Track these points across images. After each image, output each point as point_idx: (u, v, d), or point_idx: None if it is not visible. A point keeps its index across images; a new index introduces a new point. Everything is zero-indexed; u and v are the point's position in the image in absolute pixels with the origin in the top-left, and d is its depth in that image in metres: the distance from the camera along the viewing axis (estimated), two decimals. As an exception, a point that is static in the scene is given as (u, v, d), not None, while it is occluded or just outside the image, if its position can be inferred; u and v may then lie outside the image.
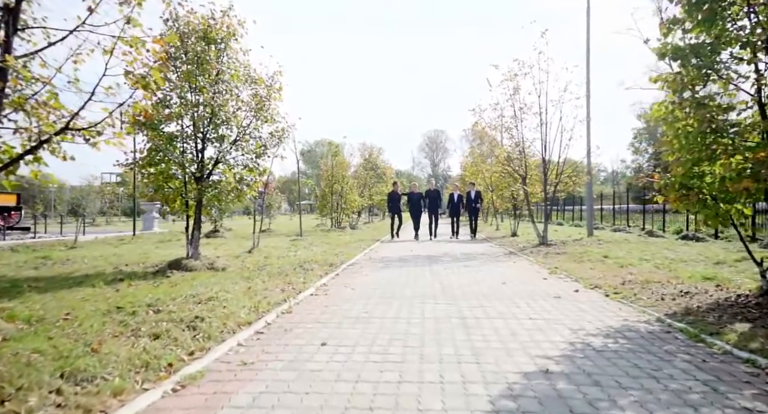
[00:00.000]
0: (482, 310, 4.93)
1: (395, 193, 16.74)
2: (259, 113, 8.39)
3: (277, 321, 4.43)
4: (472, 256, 10.63)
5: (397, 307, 5.08)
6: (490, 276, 7.41)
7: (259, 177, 8.56)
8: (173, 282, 6.37)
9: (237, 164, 8.34)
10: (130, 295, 5.30)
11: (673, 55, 4.57)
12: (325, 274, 7.44)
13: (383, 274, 7.74)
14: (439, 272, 7.91)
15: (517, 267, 8.50)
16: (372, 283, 6.74)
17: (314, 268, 8.05)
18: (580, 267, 7.95)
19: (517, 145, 12.93)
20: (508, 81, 13.03)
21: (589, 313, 4.67)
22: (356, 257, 10.27)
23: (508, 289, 6.23)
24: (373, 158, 32.30)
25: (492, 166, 17.16)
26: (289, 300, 5.26)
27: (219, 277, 6.73)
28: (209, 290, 5.50)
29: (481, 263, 9.16)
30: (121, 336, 3.55)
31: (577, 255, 9.59)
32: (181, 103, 7.61)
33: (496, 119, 13.17)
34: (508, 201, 17.83)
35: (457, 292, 5.99)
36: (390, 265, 8.98)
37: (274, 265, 8.45)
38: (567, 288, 6.18)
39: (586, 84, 13.84)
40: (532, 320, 4.42)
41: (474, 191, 16.31)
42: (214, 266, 7.82)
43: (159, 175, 7.67)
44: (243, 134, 8.36)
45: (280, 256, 9.91)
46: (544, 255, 10.06)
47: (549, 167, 12.75)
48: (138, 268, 8.02)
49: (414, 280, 7.07)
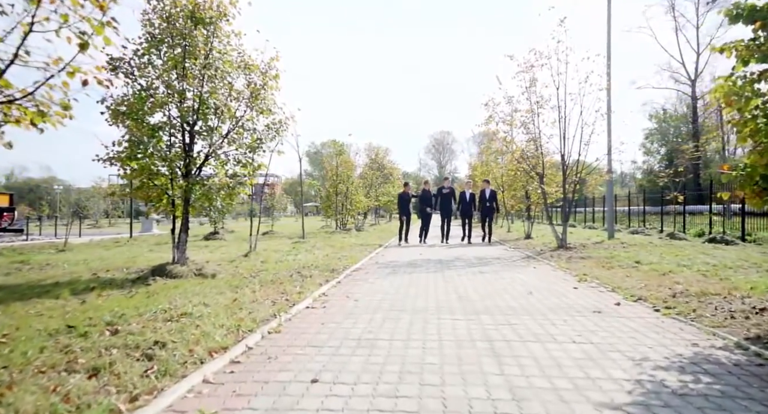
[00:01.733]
0: (511, 328, 4.08)
1: (406, 194, 15.51)
2: (254, 103, 7.58)
3: (260, 344, 3.59)
4: (487, 260, 9.76)
5: (407, 325, 4.24)
6: (511, 284, 6.55)
7: (254, 173, 7.74)
8: (151, 291, 5.56)
9: (229, 159, 7.54)
10: (94, 309, 4.50)
11: (749, 16, 3.70)
12: (325, 282, 6.61)
13: (391, 281, 6.89)
14: (453, 279, 7.06)
15: (539, 273, 7.63)
16: (378, 293, 5.90)
17: (314, 274, 7.21)
18: (612, 274, 7.06)
19: (534, 140, 12.03)
20: (524, 73, 12.16)
21: (645, 335, 3.80)
22: (361, 262, 9.43)
23: (535, 300, 5.37)
24: (380, 158, 31.50)
25: (505, 164, 16.23)
26: (279, 315, 4.43)
27: (205, 286, 5.92)
28: (187, 303, 4.69)
29: (498, 269, 8.29)
30: (50, 371, 2.73)
31: (604, 260, 8.69)
32: (167, 91, 6.82)
33: (511, 113, 12.28)
34: (520, 201, 16.87)
35: (477, 304, 5.13)
36: (398, 270, 8.13)
37: (270, 270, 7.63)
38: (605, 300, 5.30)
39: (607, 75, 12.90)
40: (578, 345, 3.55)
41: (489, 190, 14.88)
42: (202, 272, 7.01)
43: (141, 170, 6.87)
44: (236, 126, 7.56)
45: (279, 261, 9.09)
46: (566, 259, 9.17)
47: (568, 165, 11.86)
48: (119, 275, 7.24)
49: (426, 288, 6.22)
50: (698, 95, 47.85)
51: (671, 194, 17.17)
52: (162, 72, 6.82)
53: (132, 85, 6.76)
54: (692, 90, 48.00)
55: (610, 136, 13.25)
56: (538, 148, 12.17)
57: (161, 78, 6.87)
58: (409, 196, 15.49)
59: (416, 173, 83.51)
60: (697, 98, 47.91)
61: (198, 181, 7.02)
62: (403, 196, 15.48)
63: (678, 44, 47.03)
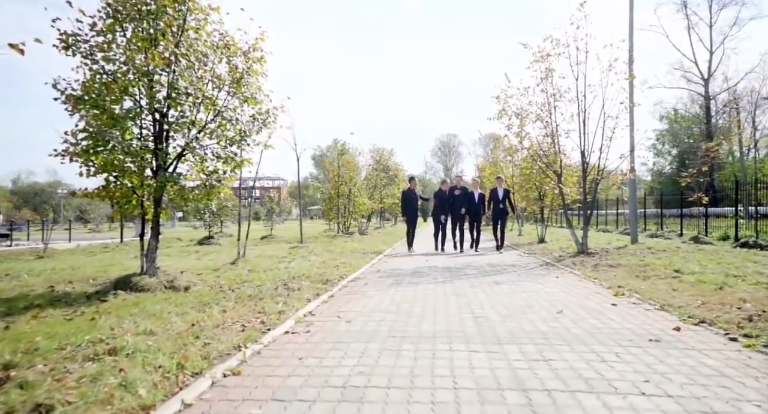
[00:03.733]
0: (548, 367, 3.05)
1: (411, 191, 12.87)
2: (236, 89, 6.61)
3: (206, 398, 2.59)
4: (501, 268, 8.72)
5: (411, 361, 3.22)
6: (534, 298, 5.52)
7: (237, 170, 6.76)
8: (102, 311, 4.59)
9: (207, 154, 6.56)
10: (10, 338, 3.52)
11: None
12: (315, 297, 5.61)
13: (392, 295, 5.88)
14: (466, 292, 6.03)
15: (565, 284, 6.59)
16: (376, 311, 4.88)
17: (303, 286, 6.21)
18: (652, 286, 6.01)
19: (552, 136, 10.96)
20: (539, 62, 11.13)
21: (739, 381, 2.76)
22: (360, 270, 8.42)
23: (569, 321, 4.34)
24: (384, 160, 30.49)
25: (519, 162, 15.17)
26: (245, 347, 3.43)
27: (169, 303, 4.94)
28: (135, 328, 3.72)
29: (515, 278, 7.26)
30: None
31: (636, 268, 7.62)
32: (133, 74, 5.86)
33: (522, 107, 11.22)
34: (533, 203, 15.78)
35: (498, 328, 4.11)
36: (401, 281, 7.12)
37: (255, 281, 6.65)
38: (657, 322, 4.26)
39: (629, 62, 11.85)
40: (651, 400, 2.52)
41: (501, 189, 12.64)
42: (174, 285, 6.03)
43: (104, 167, 5.91)
44: (216, 116, 6.60)
45: (268, 269, 8.11)
46: (592, 267, 8.11)
47: (588, 162, 10.80)
48: (79, 288, 6.28)
49: (434, 305, 5.20)
50: (711, 95, 46.54)
51: (694, 195, 16.08)
52: (126, 51, 5.86)
53: (91, 67, 5.81)
54: (705, 89, 46.66)
55: (632, 131, 12.16)
56: (556, 144, 11.11)
57: (126, 59, 5.91)
58: (416, 195, 12.91)
59: (422, 176, 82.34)
60: (711, 98, 46.60)
61: (170, 179, 6.04)
62: (408, 195, 12.93)
63: (690, 43, 45.90)
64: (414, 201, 12.75)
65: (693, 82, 48.33)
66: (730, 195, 18.95)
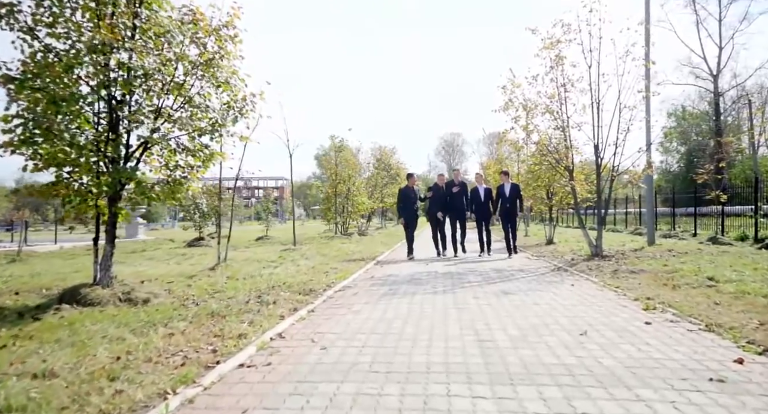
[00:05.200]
0: (583, 427, 2.20)
1: (410, 189, 11.09)
2: (206, 72, 5.76)
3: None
4: (509, 274, 7.85)
5: None
6: (550, 314, 4.65)
7: (207, 164, 5.92)
8: (23, 334, 3.77)
9: (170, 145, 5.71)
10: None
11: None
12: (291, 312, 4.76)
13: (383, 309, 5.02)
14: (469, 305, 5.18)
15: (583, 295, 5.72)
16: (360, 333, 4.03)
17: (280, 298, 5.36)
18: (687, 298, 5.13)
19: (563, 129, 10.05)
20: (548, 49, 10.24)
21: None
22: (352, 277, 7.57)
23: (597, 347, 3.48)
24: (386, 158, 29.59)
25: (525, 158, 14.27)
26: (174, 393, 2.58)
27: (112, 322, 4.11)
28: (38, 364, 2.87)
29: (525, 287, 6.39)
30: None
31: (662, 275, 6.74)
32: (80, 52, 5.02)
33: (534, 97, 10.33)
34: (540, 202, 14.85)
35: (509, 359, 3.25)
36: (396, 290, 6.26)
37: (229, 291, 5.82)
38: (709, 350, 3.38)
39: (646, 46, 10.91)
40: None
41: (509, 185, 10.80)
42: (130, 297, 5.20)
43: (51, 159, 5.08)
44: (184, 103, 5.76)
45: (249, 276, 7.27)
46: (611, 274, 7.23)
47: (602, 157, 9.91)
48: (24, 300, 5.47)
49: (430, 324, 4.34)
50: (721, 91, 45.43)
51: (712, 193, 15.15)
52: (68, 23, 5.01)
53: (30, 43, 4.98)
54: (714, 86, 45.50)
55: (649, 123, 11.27)
56: (567, 138, 10.21)
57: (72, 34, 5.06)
58: (415, 193, 11.13)
59: (426, 175, 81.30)
60: (720, 94, 45.48)
61: (123, 173, 5.18)
62: (407, 193, 11.06)
63: (699, 38, 44.62)
64: (413, 201, 11.02)
65: (701, 78, 47.20)
66: (742, 193, 18.01)
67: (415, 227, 11.19)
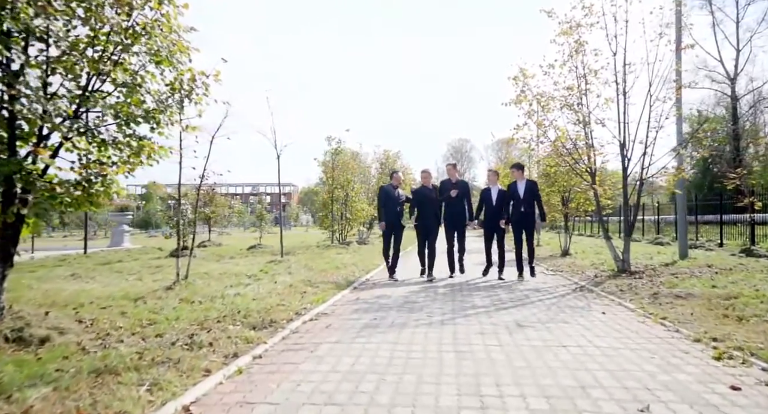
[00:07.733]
0: None
1: (392, 188, 8.86)
2: (136, 41, 4.51)
3: None
4: (522, 295, 6.51)
5: None
6: (585, 365, 3.32)
7: (134, 158, 4.63)
8: None
9: (85, 133, 4.42)
10: None
11: None
12: (225, 362, 3.45)
13: (355, 355, 3.70)
14: (473, 346, 3.86)
15: (621, 330, 4.37)
16: (309, 405, 2.71)
17: (222, 336, 4.06)
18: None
19: (584, 125, 8.68)
20: (566, 35, 8.93)
21: None
22: (332, 299, 6.26)
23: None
24: (390, 162, 28.30)
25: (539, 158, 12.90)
26: None
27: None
28: None
29: (545, 316, 5.05)
30: None
31: (716, 301, 5.37)
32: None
33: (551, 88, 8.99)
34: (555, 209, 13.45)
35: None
36: (381, 321, 4.94)
37: (163, 324, 4.53)
38: None
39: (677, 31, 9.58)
40: None
41: (523, 183, 8.16)
42: (22, 336, 3.92)
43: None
44: (105, 82, 4.51)
45: (206, 299, 5.99)
46: (649, 298, 5.86)
47: (629, 158, 8.55)
48: None
49: (416, 383, 3.02)
50: (738, 95, 43.77)
51: (746, 200, 13.71)
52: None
53: None
54: (731, 89, 43.82)
55: (680, 118, 9.90)
56: (589, 136, 8.85)
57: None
58: (398, 194, 8.79)
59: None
60: (737, 98, 43.81)
61: (12, 163, 3.90)
62: (389, 192, 8.77)
63: (716, 41, 42.95)
64: (395, 203, 8.65)
65: (718, 81, 45.55)
66: (767, 200, 16.57)
67: (401, 237, 8.76)
